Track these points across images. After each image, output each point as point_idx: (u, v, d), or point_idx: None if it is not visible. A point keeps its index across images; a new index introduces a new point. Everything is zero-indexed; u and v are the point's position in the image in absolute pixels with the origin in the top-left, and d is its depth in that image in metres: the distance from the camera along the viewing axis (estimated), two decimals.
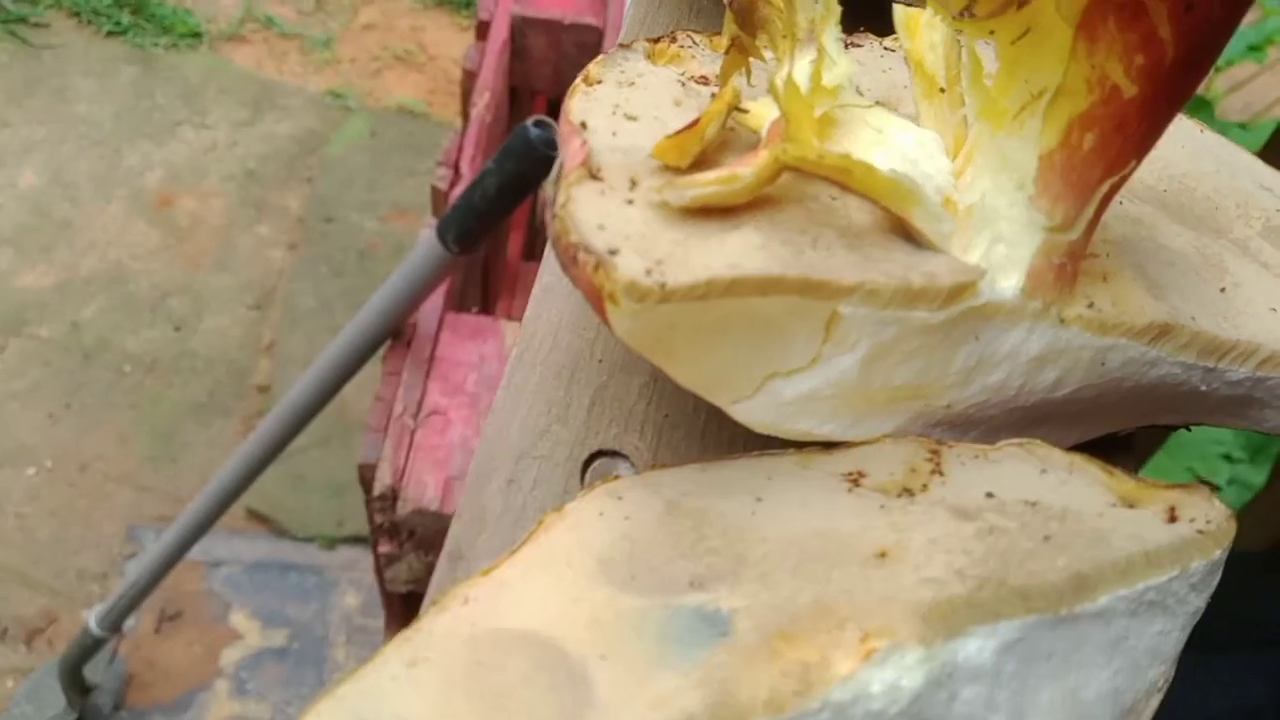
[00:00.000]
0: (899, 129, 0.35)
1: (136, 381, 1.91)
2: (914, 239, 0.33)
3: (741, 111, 0.36)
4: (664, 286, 0.29)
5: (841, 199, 0.34)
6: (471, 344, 1.28)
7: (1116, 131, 0.31)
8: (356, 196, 2.24)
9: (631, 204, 0.32)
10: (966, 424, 0.35)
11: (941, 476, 0.33)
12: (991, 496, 0.32)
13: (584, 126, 0.35)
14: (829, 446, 0.34)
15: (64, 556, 1.73)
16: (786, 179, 0.34)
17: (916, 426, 0.35)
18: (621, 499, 0.33)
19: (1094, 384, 0.34)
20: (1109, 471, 0.32)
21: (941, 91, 0.35)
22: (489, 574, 0.31)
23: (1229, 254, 0.38)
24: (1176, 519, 0.31)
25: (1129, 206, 0.38)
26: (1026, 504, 0.31)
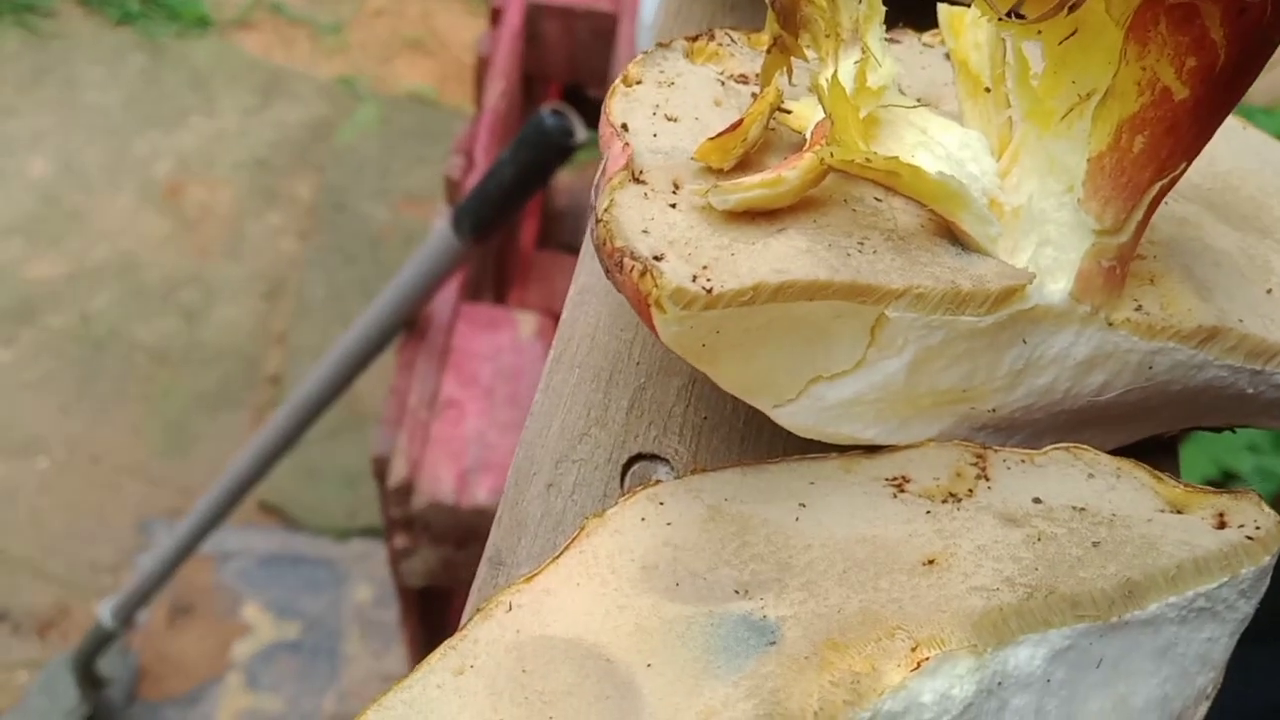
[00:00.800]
0: (943, 130, 0.35)
1: (147, 372, 1.92)
2: (960, 241, 0.33)
3: (784, 112, 0.35)
4: (711, 292, 0.29)
5: (886, 200, 0.34)
6: (486, 335, 1.28)
7: (1168, 134, 0.31)
8: (368, 184, 2.23)
9: (675, 208, 0.32)
10: (1011, 428, 0.35)
11: (987, 481, 0.32)
12: (1039, 502, 0.31)
13: (625, 129, 0.34)
14: (871, 450, 0.34)
15: (76, 548, 1.73)
16: (831, 180, 0.33)
17: (961, 430, 0.34)
18: (663, 504, 0.32)
19: (1141, 387, 0.34)
20: (1157, 477, 0.32)
21: (987, 91, 0.35)
22: (532, 580, 0.30)
23: (1274, 254, 0.38)
24: (1226, 525, 0.31)
25: (1175, 206, 0.37)
26: (1074, 510, 0.31)
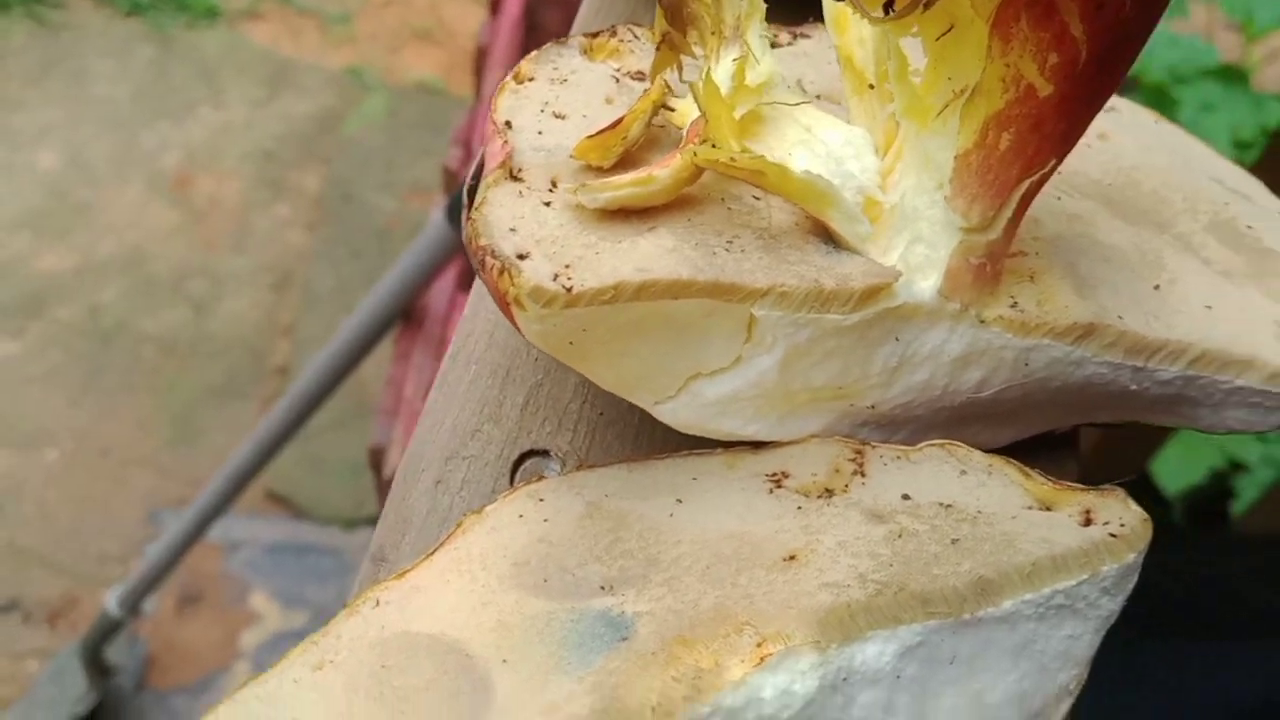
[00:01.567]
0: (828, 127, 0.35)
1: (155, 364, 1.93)
2: (833, 240, 0.33)
3: (669, 110, 0.36)
4: (570, 291, 0.29)
5: (765, 199, 0.34)
6: None
7: (1033, 131, 0.31)
8: (375, 176, 2.24)
9: (549, 206, 0.32)
10: (894, 424, 0.35)
11: (863, 478, 0.33)
12: (907, 499, 0.32)
13: (508, 126, 0.35)
14: (758, 446, 0.34)
15: (85, 539, 1.75)
16: (710, 178, 0.33)
17: (844, 426, 0.34)
18: (543, 500, 0.33)
19: (1020, 384, 0.34)
20: (1026, 474, 0.32)
21: (870, 88, 0.35)
22: (403, 577, 0.31)
23: (1169, 250, 0.37)
24: (1091, 522, 0.31)
25: (1068, 203, 0.37)
26: (941, 506, 0.31)
